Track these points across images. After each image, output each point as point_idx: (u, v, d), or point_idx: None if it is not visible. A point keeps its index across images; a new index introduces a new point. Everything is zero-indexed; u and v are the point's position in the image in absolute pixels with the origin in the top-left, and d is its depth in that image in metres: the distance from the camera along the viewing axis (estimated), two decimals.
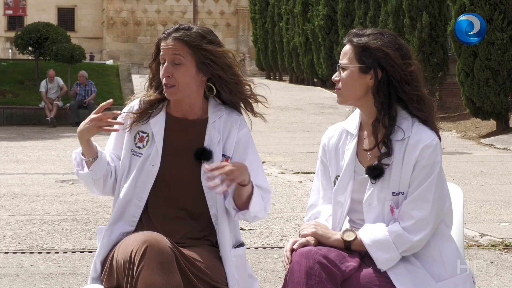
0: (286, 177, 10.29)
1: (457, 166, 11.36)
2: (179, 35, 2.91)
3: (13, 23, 47.02)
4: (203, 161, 2.95)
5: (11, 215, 7.36)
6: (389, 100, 2.78)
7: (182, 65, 2.91)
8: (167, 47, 2.92)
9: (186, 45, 2.90)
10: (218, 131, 2.98)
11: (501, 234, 6.54)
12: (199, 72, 2.94)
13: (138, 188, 2.97)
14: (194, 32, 2.93)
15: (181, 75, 2.91)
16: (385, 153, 2.77)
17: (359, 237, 2.74)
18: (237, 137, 2.99)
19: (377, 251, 2.71)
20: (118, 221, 2.99)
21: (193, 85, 2.95)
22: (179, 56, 2.90)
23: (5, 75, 24.34)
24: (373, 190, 2.79)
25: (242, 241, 3.10)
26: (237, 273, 2.95)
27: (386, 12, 21.24)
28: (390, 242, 2.71)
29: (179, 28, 2.95)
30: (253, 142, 3.03)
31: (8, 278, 5.09)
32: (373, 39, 2.79)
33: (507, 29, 15.65)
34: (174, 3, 47.16)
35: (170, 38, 2.92)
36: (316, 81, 32.16)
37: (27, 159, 12.50)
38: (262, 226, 6.84)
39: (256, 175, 2.94)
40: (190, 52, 2.91)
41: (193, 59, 2.92)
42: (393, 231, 2.71)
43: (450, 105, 20.83)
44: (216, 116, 3.01)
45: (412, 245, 2.72)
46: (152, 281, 2.63)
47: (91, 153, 2.97)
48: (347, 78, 2.81)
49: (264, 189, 2.96)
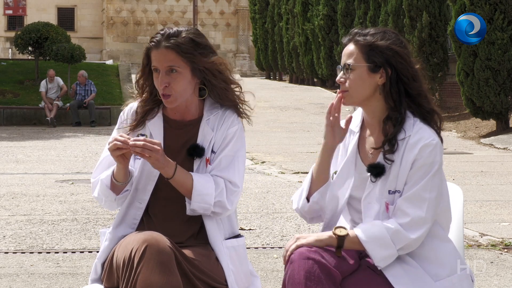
0: (286, 177, 10.29)
1: (457, 166, 11.36)
2: (170, 43, 2.88)
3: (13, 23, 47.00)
4: (195, 158, 2.96)
5: (11, 215, 7.36)
6: (399, 97, 2.79)
7: (177, 73, 2.90)
8: (160, 58, 2.89)
9: (178, 53, 2.89)
10: (211, 128, 2.99)
11: (501, 234, 6.54)
12: (194, 76, 2.95)
13: (139, 190, 2.98)
14: (184, 38, 2.90)
15: (178, 83, 2.90)
16: (388, 149, 2.76)
17: (354, 233, 2.71)
18: (226, 133, 2.99)
19: (375, 247, 2.69)
20: (120, 224, 2.99)
21: (189, 89, 2.95)
22: (174, 66, 2.89)
23: (5, 75, 24.34)
24: (372, 188, 2.79)
25: (238, 233, 3.08)
26: (231, 264, 2.93)
27: (386, 12, 21.24)
28: (388, 238, 2.69)
29: (168, 35, 2.90)
30: (240, 140, 3.00)
31: (8, 278, 5.09)
32: (380, 38, 2.78)
33: (507, 29, 15.64)
34: (174, 3, 47.13)
35: (161, 47, 2.89)
36: (316, 81, 32.15)
37: (27, 159, 12.50)
38: (262, 226, 6.84)
39: (226, 169, 2.93)
40: (183, 59, 2.90)
41: (187, 65, 2.91)
42: (390, 227, 2.70)
43: (450, 105, 20.83)
44: (211, 114, 3.01)
45: (409, 242, 2.70)
46: (152, 280, 2.63)
47: (126, 178, 2.94)
48: (355, 79, 2.78)
49: (232, 183, 2.93)
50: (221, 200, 2.90)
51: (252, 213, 7.46)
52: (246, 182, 9.33)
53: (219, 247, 2.94)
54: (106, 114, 21.19)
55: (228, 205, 2.92)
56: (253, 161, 12.24)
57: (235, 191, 2.94)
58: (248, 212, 7.53)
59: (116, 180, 2.91)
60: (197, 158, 2.97)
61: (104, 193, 2.96)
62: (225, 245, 2.96)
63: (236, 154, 2.98)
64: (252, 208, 7.74)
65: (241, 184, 2.98)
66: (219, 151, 2.98)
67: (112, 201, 2.97)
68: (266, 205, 7.94)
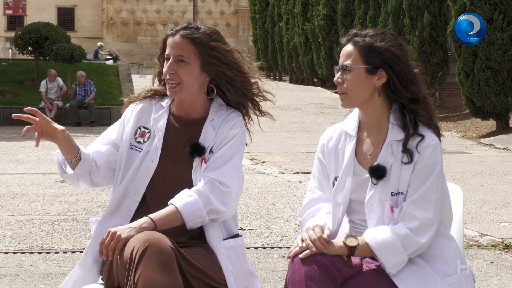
0: (286, 177, 10.29)
1: (457, 166, 11.36)
2: (187, 33, 2.94)
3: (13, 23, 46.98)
4: (195, 156, 2.96)
5: (11, 215, 7.36)
6: (397, 99, 2.78)
7: (186, 64, 2.94)
8: (173, 45, 2.95)
9: (192, 44, 2.93)
10: (214, 129, 2.99)
11: (501, 234, 6.54)
12: (203, 72, 2.96)
13: (136, 182, 2.99)
14: (201, 32, 2.96)
15: (185, 73, 2.93)
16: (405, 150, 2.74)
17: (364, 241, 2.70)
18: (226, 134, 2.99)
19: (386, 254, 2.68)
20: (114, 213, 3.01)
21: (196, 84, 2.97)
22: (184, 55, 2.93)
23: (5, 75, 24.33)
24: (374, 191, 2.78)
25: (237, 233, 3.08)
26: (230, 264, 2.93)
27: (386, 12, 21.24)
28: (399, 244, 2.68)
29: (187, 27, 2.98)
30: (239, 143, 2.99)
31: (8, 278, 5.09)
32: (379, 39, 2.77)
33: (507, 29, 15.65)
34: (174, 3, 47.12)
35: (178, 35, 2.95)
36: (316, 81, 32.14)
37: (27, 159, 12.50)
38: (262, 226, 6.84)
39: (218, 169, 2.91)
40: (195, 52, 2.93)
41: (198, 59, 2.94)
42: (400, 233, 2.69)
43: (450, 105, 20.83)
44: (216, 115, 3.02)
45: (419, 247, 2.70)
46: (153, 280, 2.63)
47: (70, 155, 2.96)
48: (353, 80, 2.78)
49: (222, 183, 2.90)
50: (211, 208, 2.88)
51: (252, 213, 7.46)
52: (246, 182, 9.32)
53: (218, 247, 2.94)
54: (106, 114, 21.20)
55: (221, 207, 2.89)
56: (253, 161, 12.24)
57: (226, 191, 2.90)
58: (248, 212, 7.53)
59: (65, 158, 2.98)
60: (197, 157, 2.97)
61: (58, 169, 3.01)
62: (224, 246, 2.95)
63: (232, 156, 2.96)
64: (252, 208, 7.74)
65: (234, 184, 2.93)
66: (216, 150, 2.98)
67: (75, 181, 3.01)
68: (266, 205, 7.94)
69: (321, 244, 2.66)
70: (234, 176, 2.94)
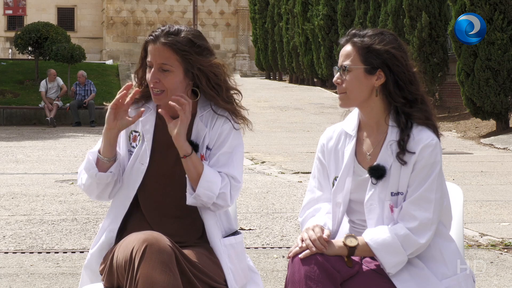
0: (286, 177, 10.29)
1: (457, 166, 11.36)
2: (168, 41, 2.89)
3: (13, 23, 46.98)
4: None
5: (10, 215, 7.36)
6: (396, 99, 2.78)
7: (170, 72, 2.91)
8: (155, 53, 2.90)
9: (174, 52, 2.89)
10: (205, 124, 2.99)
11: (501, 234, 6.54)
12: (186, 77, 2.95)
13: (128, 186, 3.00)
14: (183, 38, 2.91)
15: (169, 81, 2.91)
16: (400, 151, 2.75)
17: (364, 241, 2.71)
18: (220, 129, 2.98)
19: (386, 255, 2.69)
20: (107, 218, 3.03)
21: (180, 89, 2.95)
22: (167, 64, 2.90)
23: (5, 75, 24.34)
24: (374, 191, 2.78)
25: (236, 230, 3.09)
26: (230, 262, 2.94)
27: (386, 12, 21.24)
28: (398, 244, 2.68)
29: (168, 33, 2.91)
30: (236, 138, 3.00)
31: (8, 278, 5.09)
32: (377, 40, 2.77)
33: (507, 29, 15.64)
34: (174, 3, 47.12)
35: (159, 43, 2.90)
36: (316, 81, 32.14)
37: (27, 159, 12.50)
38: (262, 226, 6.84)
39: (226, 166, 2.94)
40: (178, 59, 2.90)
41: (181, 65, 2.92)
42: (400, 233, 2.69)
43: (450, 105, 20.82)
44: (205, 110, 3.01)
45: (419, 247, 2.70)
46: (154, 279, 2.64)
47: (111, 153, 2.96)
48: (352, 80, 2.78)
49: (234, 178, 2.94)
50: (225, 193, 2.90)
51: (252, 213, 7.46)
52: (246, 182, 9.34)
53: (218, 245, 2.95)
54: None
55: (229, 199, 2.93)
56: (253, 161, 12.24)
57: (237, 186, 2.95)
58: (248, 212, 7.53)
59: (101, 155, 2.95)
60: None
61: (87, 168, 2.97)
62: (223, 243, 2.96)
63: (234, 151, 2.98)
64: (252, 208, 7.74)
65: (242, 179, 2.98)
66: (217, 148, 2.98)
67: (93, 177, 2.95)
68: (266, 205, 7.94)
69: (321, 244, 2.66)
70: (241, 171, 2.98)
